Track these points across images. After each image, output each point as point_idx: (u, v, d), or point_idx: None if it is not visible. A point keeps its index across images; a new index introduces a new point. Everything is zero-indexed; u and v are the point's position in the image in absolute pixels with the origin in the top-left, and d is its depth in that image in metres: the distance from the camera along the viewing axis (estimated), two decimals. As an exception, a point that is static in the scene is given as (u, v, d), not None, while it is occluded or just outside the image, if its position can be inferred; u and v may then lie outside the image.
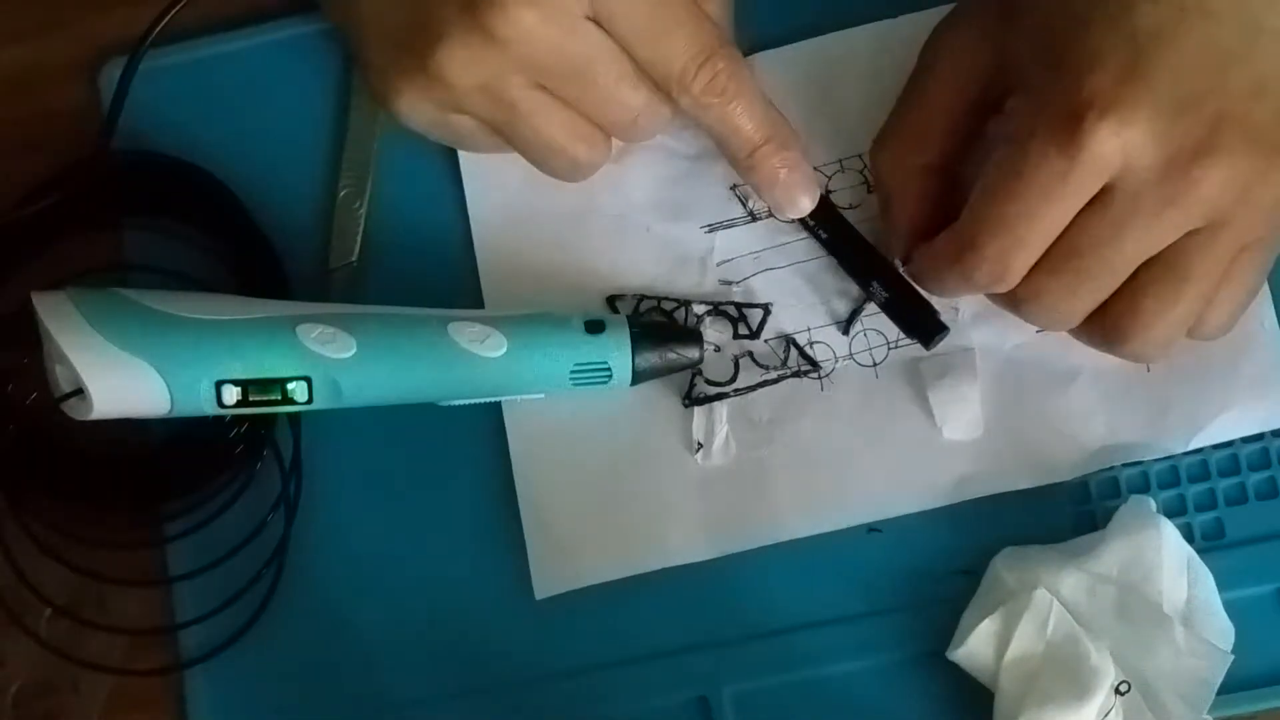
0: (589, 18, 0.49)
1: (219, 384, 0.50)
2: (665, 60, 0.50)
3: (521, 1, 0.47)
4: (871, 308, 0.55)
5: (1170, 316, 0.47)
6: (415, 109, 0.51)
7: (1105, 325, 0.48)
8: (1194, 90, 0.44)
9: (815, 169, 0.55)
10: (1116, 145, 0.44)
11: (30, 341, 0.50)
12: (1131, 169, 0.44)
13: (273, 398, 0.51)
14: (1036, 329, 0.53)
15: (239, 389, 0.50)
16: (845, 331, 0.55)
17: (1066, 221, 0.46)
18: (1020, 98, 0.47)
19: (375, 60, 0.52)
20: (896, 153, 0.52)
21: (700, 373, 0.55)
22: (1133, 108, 0.43)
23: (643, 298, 0.56)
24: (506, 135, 0.52)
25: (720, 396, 0.55)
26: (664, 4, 0.50)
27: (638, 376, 0.53)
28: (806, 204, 0.53)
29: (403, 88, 0.50)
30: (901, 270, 0.53)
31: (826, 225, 0.55)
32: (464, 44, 0.48)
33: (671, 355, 0.53)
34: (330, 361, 0.51)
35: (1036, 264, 0.47)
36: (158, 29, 0.57)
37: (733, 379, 0.55)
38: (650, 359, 0.53)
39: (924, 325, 0.54)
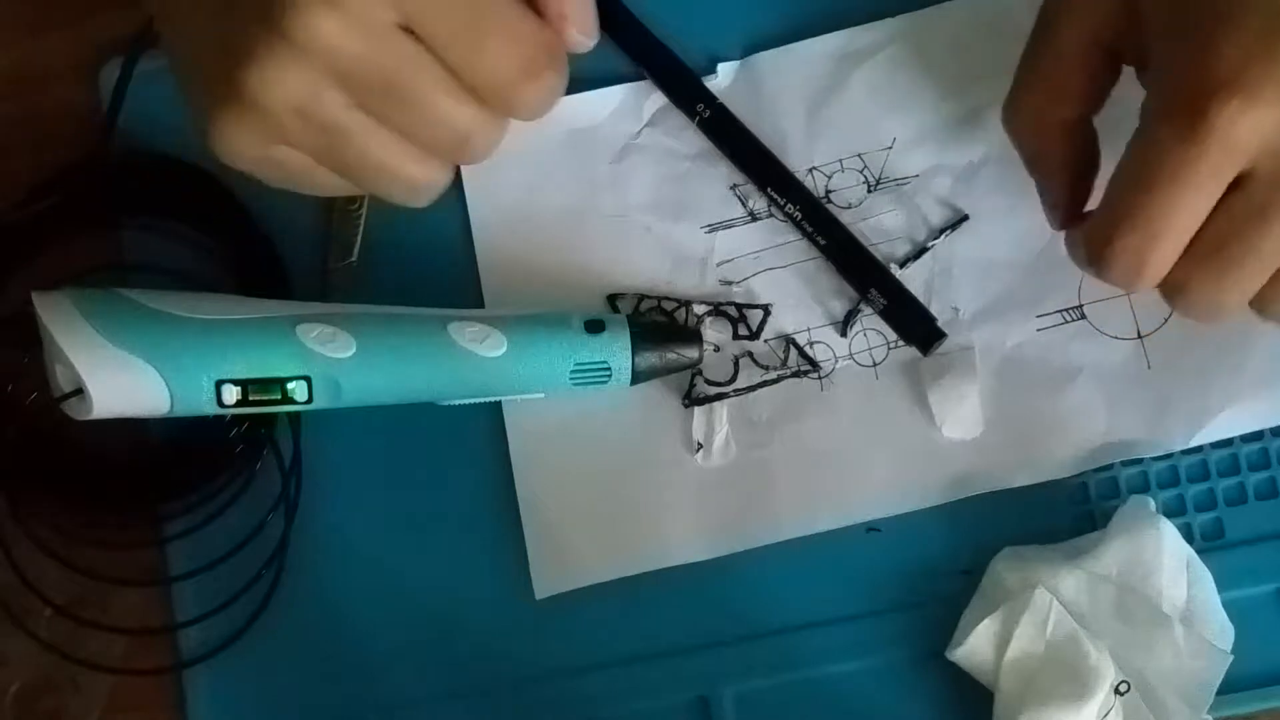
0: (400, 25, 0.44)
1: (219, 383, 0.50)
2: (486, 71, 0.45)
3: (320, 6, 0.42)
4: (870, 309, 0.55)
5: None
6: (236, 144, 0.46)
7: (1264, 305, 0.45)
8: None
9: (816, 169, 0.55)
10: (1247, 127, 0.40)
11: (30, 341, 0.50)
12: (1269, 151, 0.41)
13: (273, 397, 0.50)
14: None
15: (239, 388, 0.50)
16: (843, 334, 0.55)
17: (1206, 211, 0.43)
18: (1150, 72, 0.44)
19: (192, 97, 0.47)
20: (1030, 108, 0.48)
21: (700, 373, 0.55)
22: (1261, 86, 0.40)
23: (643, 297, 0.56)
24: (336, 164, 0.47)
25: (720, 396, 0.55)
26: (479, 9, 0.45)
27: (637, 376, 0.53)
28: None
29: (219, 121, 0.45)
30: (901, 267, 0.52)
31: (823, 231, 0.55)
32: (269, 58, 0.43)
33: (671, 355, 0.53)
34: (330, 361, 0.51)
35: (1180, 257, 0.44)
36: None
37: (733, 379, 0.55)
38: (650, 359, 0.53)
39: (921, 332, 0.54)
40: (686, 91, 0.56)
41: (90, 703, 0.56)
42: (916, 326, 0.54)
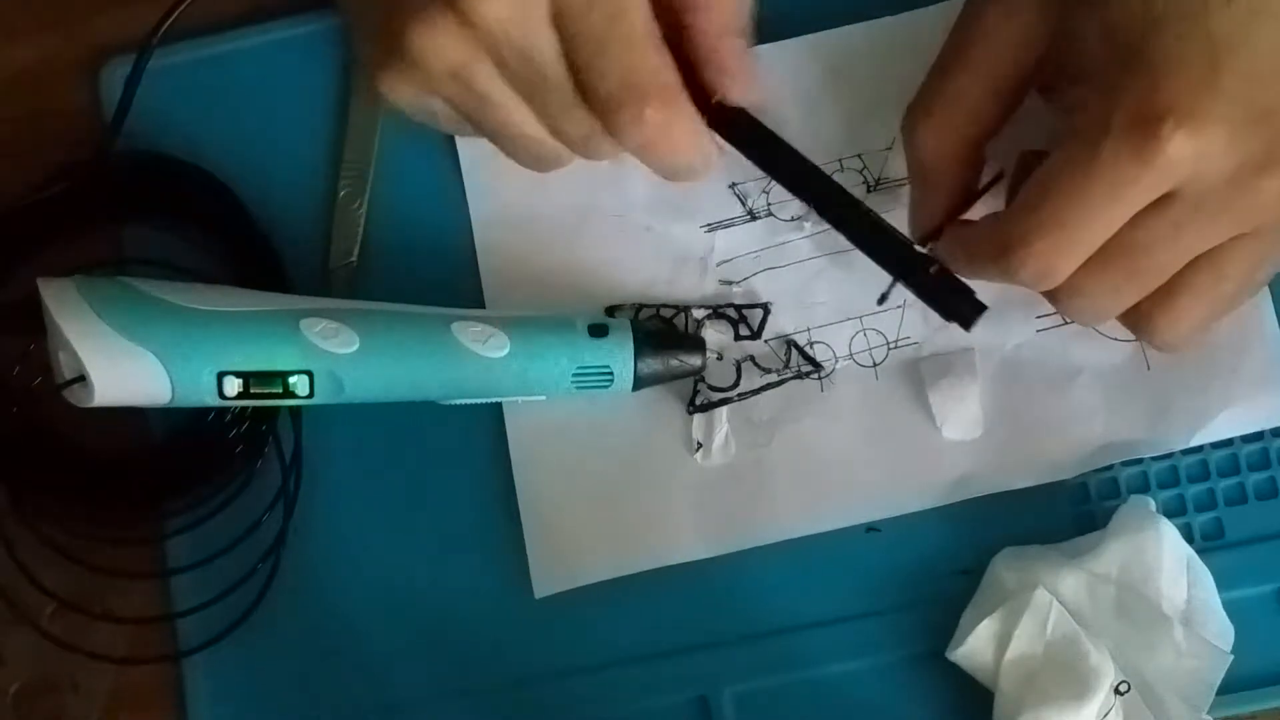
0: (552, 19, 0.46)
1: (220, 375, 0.50)
2: (596, 82, 0.47)
3: None
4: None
5: (1203, 311, 0.47)
6: (395, 91, 0.50)
7: (1138, 315, 0.47)
8: (1268, 98, 0.43)
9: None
10: (1190, 153, 0.43)
11: (36, 328, 0.50)
12: (1200, 176, 0.43)
13: (274, 391, 0.50)
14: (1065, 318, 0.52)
15: (240, 381, 0.50)
16: (881, 302, 0.51)
17: (1121, 223, 0.45)
18: (1089, 92, 0.45)
19: (362, 44, 0.51)
20: (938, 124, 0.49)
21: (703, 379, 0.55)
22: (1208, 116, 0.42)
23: (641, 306, 0.56)
24: (476, 124, 0.50)
25: (724, 402, 0.55)
26: (612, 21, 0.46)
27: (640, 382, 0.53)
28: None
29: (384, 69, 0.49)
30: (924, 250, 0.51)
31: (853, 219, 0.53)
32: (437, 27, 0.47)
33: (674, 362, 0.53)
34: (333, 356, 0.51)
35: (1087, 261, 0.46)
36: (165, 27, 0.57)
37: (735, 384, 0.55)
38: (653, 365, 0.53)
39: (964, 307, 0.50)
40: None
41: (90, 702, 0.56)
42: (959, 302, 0.51)
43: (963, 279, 0.49)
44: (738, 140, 0.52)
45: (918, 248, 0.50)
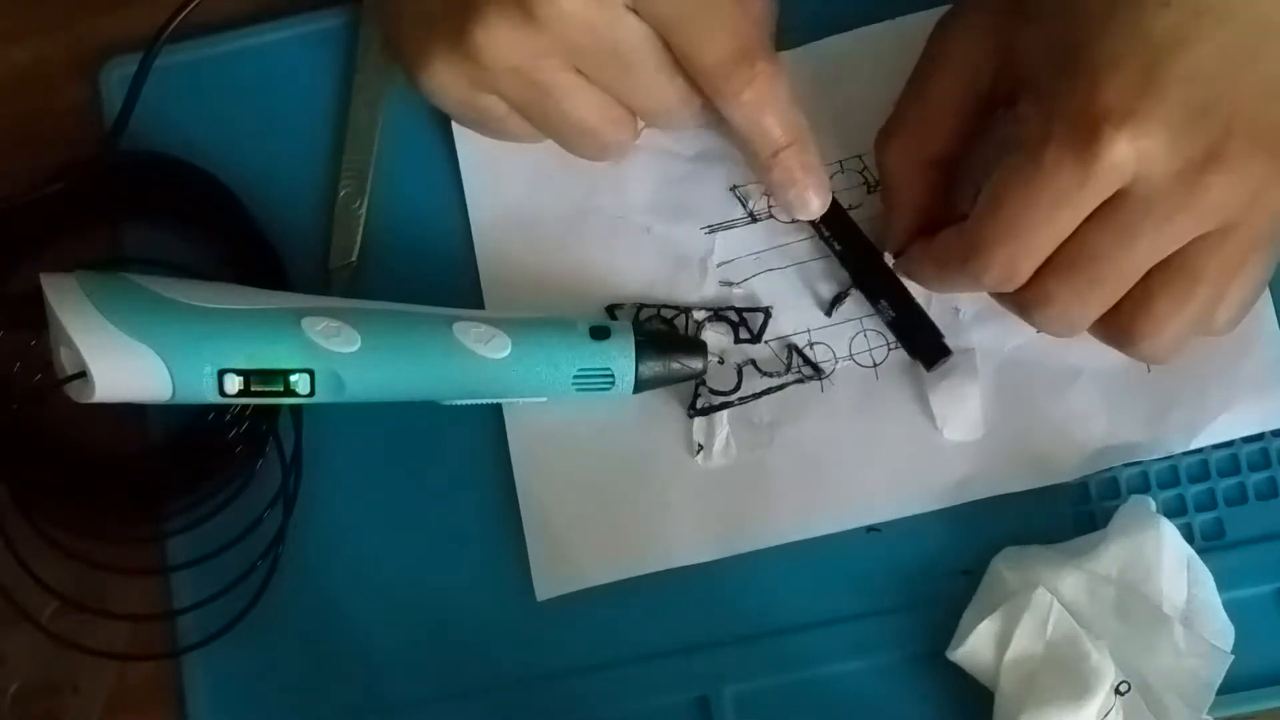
0: (629, 7, 0.48)
1: (221, 372, 0.50)
2: (702, 55, 0.50)
3: None
4: (858, 297, 0.55)
5: (1181, 318, 0.47)
6: (446, 86, 0.51)
7: (1117, 326, 0.48)
8: (1208, 97, 0.43)
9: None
10: (1131, 154, 0.43)
11: (37, 323, 0.50)
12: (1145, 177, 0.44)
13: (275, 389, 0.50)
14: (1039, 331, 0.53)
15: (241, 379, 0.50)
16: (828, 313, 0.55)
17: (1075, 226, 0.46)
18: (1032, 102, 0.47)
19: (409, 34, 0.51)
20: (900, 146, 0.52)
21: (704, 382, 0.55)
22: (1148, 117, 0.43)
23: (641, 306, 0.56)
24: (536, 116, 0.52)
25: (725, 406, 0.55)
26: None
27: (641, 385, 0.53)
28: (818, 207, 0.53)
29: (436, 64, 0.50)
30: (892, 264, 0.53)
31: (839, 236, 0.54)
32: (505, 23, 0.47)
33: (676, 365, 0.53)
34: (334, 355, 0.50)
35: (1046, 269, 0.47)
36: (171, 27, 0.57)
37: (736, 387, 0.55)
38: (654, 367, 0.53)
39: (927, 347, 0.54)
40: None
41: (90, 703, 0.56)
42: (923, 341, 0.54)
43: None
44: None
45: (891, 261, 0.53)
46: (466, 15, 0.48)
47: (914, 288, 0.54)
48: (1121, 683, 0.49)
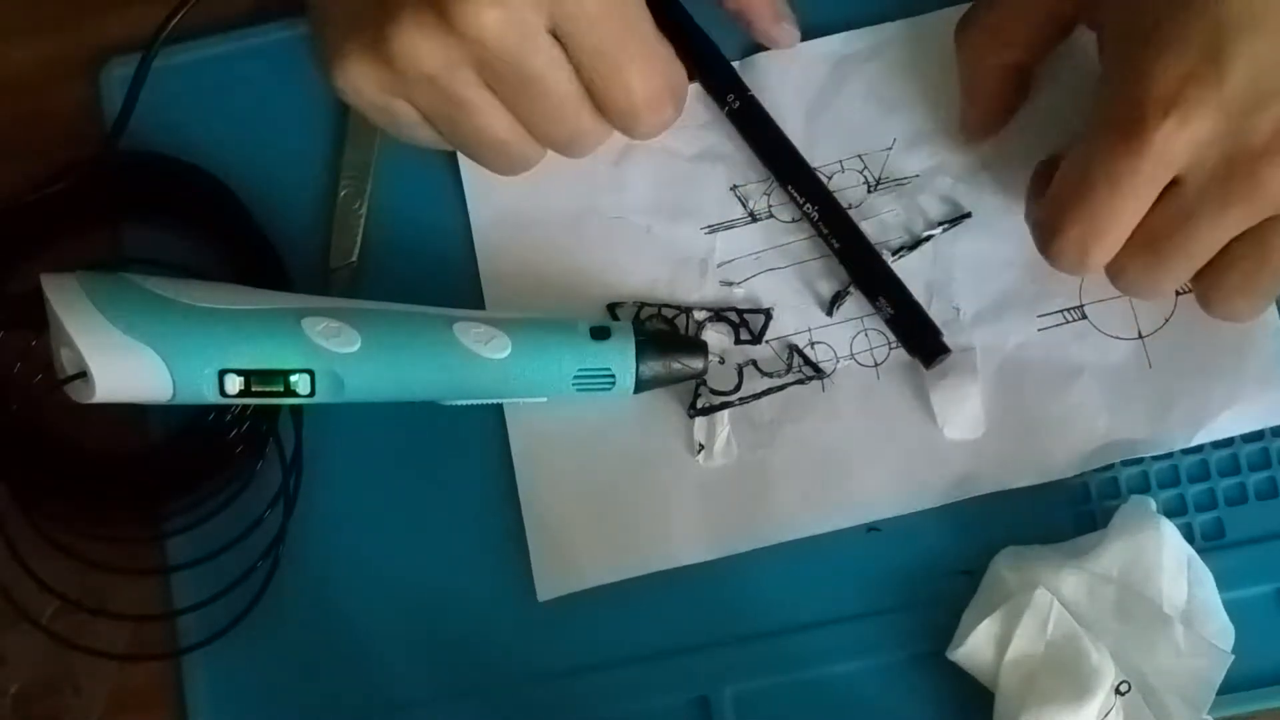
0: (550, 30, 0.48)
1: (222, 373, 0.50)
2: (618, 96, 0.50)
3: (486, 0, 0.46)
4: (858, 296, 0.55)
5: (1254, 290, 0.47)
6: (359, 88, 0.49)
7: (1198, 291, 0.49)
8: (1266, 87, 0.43)
9: (816, 169, 0.55)
10: (1180, 142, 0.44)
11: (38, 323, 0.50)
12: (1198, 164, 0.44)
13: (275, 389, 0.50)
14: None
15: (242, 379, 0.50)
16: (829, 313, 0.55)
17: (1143, 211, 0.46)
18: (1101, 83, 0.47)
19: (328, 31, 0.50)
20: (976, 46, 0.52)
21: (705, 382, 0.55)
22: (1199, 105, 0.43)
23: (643, 305, 0.56)
24: (445, 127, 0.51)
25: (725, 406, 0.55)
26: (626, 34, 0.49)
27: (641, 385, 0.53)
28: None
29: (349, 64, 0.49)
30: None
31: (838, 234, 0.55)
32: (421, 31, 0.47)
33: (676, 365, 0.53)
34: (334, 356, 0.50)
35: (1123, 245, 0.47)
36: (169, 27, 0.57)
37: (737, 388, 0.55)
38: (654, 367, 0.53)
39: (926, 345, 0.54)
40: (719, 80, 0.56)
41: (91, 703, 0.56)
42: (922, 339, 0.54)
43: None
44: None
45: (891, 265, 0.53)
46: (385, 19, 0.47)
47: (912, 286, 0.54)
48: (1122, 683, 0.49)
